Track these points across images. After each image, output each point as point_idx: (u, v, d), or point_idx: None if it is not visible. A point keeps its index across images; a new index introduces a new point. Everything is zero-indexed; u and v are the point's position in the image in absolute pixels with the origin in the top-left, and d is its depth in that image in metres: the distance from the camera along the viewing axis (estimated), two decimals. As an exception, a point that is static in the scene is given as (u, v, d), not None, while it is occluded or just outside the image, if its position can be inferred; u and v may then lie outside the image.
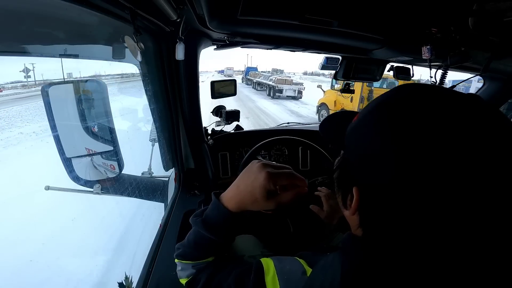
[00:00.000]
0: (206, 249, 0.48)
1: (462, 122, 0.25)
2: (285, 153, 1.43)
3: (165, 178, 1.50)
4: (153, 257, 0.87)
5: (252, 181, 0.44)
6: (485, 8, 0.57)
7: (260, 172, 0.44)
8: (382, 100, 0.32)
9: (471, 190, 0.23)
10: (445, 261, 0.24)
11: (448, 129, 0.24)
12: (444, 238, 0.24)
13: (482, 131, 0.24)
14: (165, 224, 1.02)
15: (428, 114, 0.26)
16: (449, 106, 0.26)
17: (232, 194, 0.47)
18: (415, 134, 0.25)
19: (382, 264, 0.28)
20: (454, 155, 0.23)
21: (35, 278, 1.91)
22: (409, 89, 0.31)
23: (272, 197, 0.44)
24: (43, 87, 1.03)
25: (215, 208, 0.47)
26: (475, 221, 0.23)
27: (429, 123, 0.25)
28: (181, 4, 0.65)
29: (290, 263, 0.41)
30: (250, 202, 0.45)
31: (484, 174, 0.23)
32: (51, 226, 2.44)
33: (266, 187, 0.43)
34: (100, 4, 0.54)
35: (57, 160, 1.09)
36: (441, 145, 0.24)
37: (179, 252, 0.50)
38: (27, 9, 0.54)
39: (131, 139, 1.95)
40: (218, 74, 36.19)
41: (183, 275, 0.50)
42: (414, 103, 0.28)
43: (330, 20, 0.73)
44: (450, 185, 0.23)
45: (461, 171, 0.23)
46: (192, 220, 0.49)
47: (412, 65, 1.28)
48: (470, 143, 0.24)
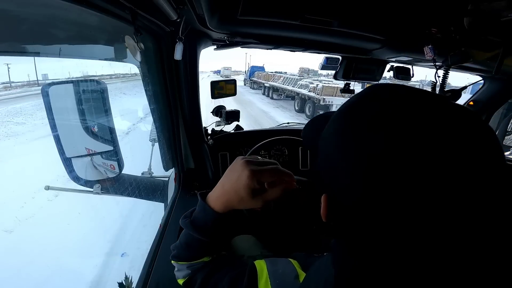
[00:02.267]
0: (198, 250, 0.47)
1: (431, 128, 0.23)
2: (285, 153, 1.43)
3: (165, 178, 1.50)
4: (153, 257, 0.87)
5: (236, 180, 0.43)
6: (480, 8, 0.57)
7: (243, 170, 0.43)
8: (345, 106, 0.30)
9: (440, 199, 0.21)
10: (425, 265, 0.23)
11: (416, 138, 0.22)
12: (417, 244, 0.23)
13: (453, 137, 0.22)
14: (165, 224, 1.02)
15: (394, 121, 0.23)
16: (417, 110, 0.24)
17: (218, 194, 0.46)
18: (380, 145, 0.23)
19: (367, 268, 0.27)
20: (425, 168, 0.21)
21: (35, 278, 1.90)
22: (370, 90, 0.29)
23: (258, 195, 0.43)
24: (43, 87, 1.03)
25: (201, 209, 0.47)
26: (445, 226, 0.22)
27: (396, 133, 0.23)
28: (181, 4, 0.65)
29: (283, 266, 0.41)
30: (237, 201, 0.44)
31: (456, 182, 0.21)
32: (51, 226, 2.44)
33: (250, 186, 0.42)
34: (100, 4, 0.54)
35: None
36: (409, 162, 0.22)
37: (174, 254, 0.50)
38: (27, 9, 0.54)
39: (136, 136, 1.94)
40: (214, 75, 34.44)
41: (180, 276, 0.50)
42: (377, 108, 0.25)
43: (330, 20, 0.73)
44: (415, 194, 0.22)
45: (428, 182, 0.21)
46: (181, 221, 0.48)
47: (412, 65, 1.28)
48: (441, 154, 0.21)
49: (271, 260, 0.43)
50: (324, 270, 0.34)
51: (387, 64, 1.28)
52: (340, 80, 1.34)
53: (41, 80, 6.91)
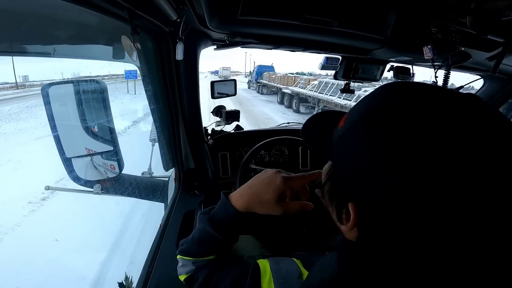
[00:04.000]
0: (209, 247, 0.48)
1: (461, 125, 0.23)
2: (285, 153, 1.43)
3: (165, 178, 1.50)
4: (153, 257, 0.87)
5: (267, 182, 0.46)
6: (482, 7, 0.57)
7: (276, 174, 0.46)
8: (369, 104, 0.29)
9: (472, 195, 0.21)
10: (447, 269, 0.24)
11: (444, 134, 0.23)
12: (446, 245, 0.23)
13: (484, 136, 0.22)
14: (165, 224, 1.02)
15: (422, 118, 0.24)
16: (445, 109, 0.24)
17: (242, 193, 0.48)
18: (410, 142, 0.23)
19: (378, 271, 0.28)
20: (454, 161, 0.22)
21: (35, 278, 1.91)
22: (397, 90, 0.28)
23: (280, 203, 0.45)
24: (43, 87, 1.03)
25: (222, 206, 0.48)
26: (479, 228, 0.22)
27: (423, 129, 0.23)
28: (181, 4, 0.65)
29: (286, 265, 0.41)
30: (259, 203, 0.45)
31: (489, 181, 0.21)
32: (51, 226, 2.44)
33: (280, 189, 0.44)
34: (99, 4, 0.54)
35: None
36: (440, 151, 0.22)
37: (182, 248, 0.50)
38: (27, 9, 0.54)
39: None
40: (211, 76, 32.96)
41: (183, 272, 0.50)
42: (405, 106, 0.25)
43: (330, 20, 0.73)
44: (450, 192, 0.22)
45: (462, 177, 0.22)
46: (199, 217, 0.50)
47: (412, 65, 1.28)
48: (472, 149, 0.22)
49: (274, 259, 0.43)
50: (328, 267, 0.34)
51: (387, 64, 1.28)
52: (340, 80, 1.34)
53: (21, 82, 6.64)
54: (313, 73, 15.29)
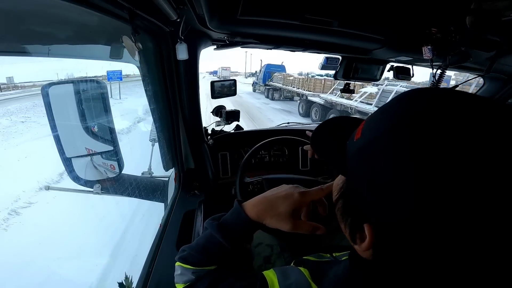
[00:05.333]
0: (213, 256, 0.45)
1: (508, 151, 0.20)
2: (285, 153, 1.43)
3: (165, 178, 1.50)
4: (153, 257, 0.87)
5: (283, 195, 0.45)
6: (482, 7, 0.57)
7: (294, 188, 0.46)
8: (394, 116, 0.26)
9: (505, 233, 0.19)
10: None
11: (490, 157, 0.20)
12: (466, 268, 0.22)
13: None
14: (165, 224, 1.02)
15: (464, 134, 0.21)
16: (492, 124, 0.21)
17: (256, 202, 0.47)
18: (449, 160, 0.21)
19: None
20: (495, 190, 0.19)
21: (35, 278, 1.90)
22: (429, 99, 0.25)
23: (293, 218, 0.44)
24: (43, 87, 1.03)
25: (235, 213, 0.46)
26: (503, 265, 0.20)
27: (466, 147, 0.21)
28: (181, 4, 0.65)
29: (295, 278, 0.39)
30: (271, 215, 0.44)
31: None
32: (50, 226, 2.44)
33: (297, 202, 0.44)
34: (99, 4, 0.54)
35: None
36: (481, 174, 0.20)
37: (183, 255, 0.47)
38: (27, 9, 0.54)
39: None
40: (210, 76, 32.09)
41: (180, 280, 0.46)
42: (446, 118, 0.22)
43: (330, 20, 0.73)
44: (488, 221, 0.20)
45: (500, 209, 0.19)
46: (207, 222, 0.47)
47: (412, 65, 1.28)
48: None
49: (281, 270, 0.41)
50: (341, 285, 0.34)
51: (387, 64, 1.28)
52: (340, 80, 1.34)
53: (4, 83, 6.26)
54: (313, 73, 14.40)
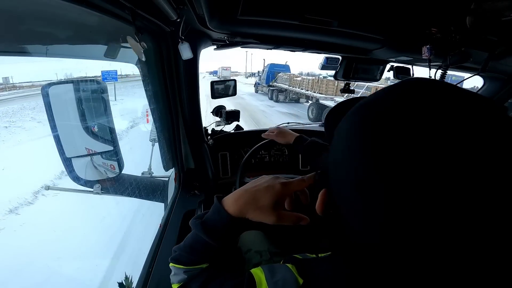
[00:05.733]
0: (201, 254, 0.46)
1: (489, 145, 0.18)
2: (285, 153, 1.43)
3: (165, 178, 1.50)
4: (153, 257, 0.87)
5: (264, 187, 0.44)
6: (482, 7, 0.57)
7: (275, 179, 0.45)
8: (365, 102, 0.26)
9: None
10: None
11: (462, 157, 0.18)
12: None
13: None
14: (165, 224, 1.02)
15: (426, 126, 0.20)
16: (469, 120, 0.20)
17: (237, 196, 0.45)
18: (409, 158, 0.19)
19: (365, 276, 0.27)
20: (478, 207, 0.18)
21: (35, 278, 1.90)
22: (404, 87, 0.24)
23: (276, 210, 0.43)
24: (43, 87, 1.03)
25: (215, 211, 0.46)
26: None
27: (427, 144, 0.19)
28: (181, 4, 0.65)
29: (282, 275, 0.39)
30: (254, 208, 0.43)
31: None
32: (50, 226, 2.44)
33: (279, 193, 0.43)
34: (100, 4, 0.54)
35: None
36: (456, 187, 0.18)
37: (174, 255, 0.48)
38: (27, 9, 0.54)
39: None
40: (210, 76, 31.86)
41: (175, 280, 0.47)
42: (408, 108, 0.21)
43: (330, 20, 0.73)
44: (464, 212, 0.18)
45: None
46: (192, 222, 0.47)
47: (412, 65, 1.28)
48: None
49: (269, 268, 0.41)
50: (326, 279, 0.35)
51: (387, 64, 1.29)
52: (340, 80, 1.34)
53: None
54: (313, 73, 14.09)
